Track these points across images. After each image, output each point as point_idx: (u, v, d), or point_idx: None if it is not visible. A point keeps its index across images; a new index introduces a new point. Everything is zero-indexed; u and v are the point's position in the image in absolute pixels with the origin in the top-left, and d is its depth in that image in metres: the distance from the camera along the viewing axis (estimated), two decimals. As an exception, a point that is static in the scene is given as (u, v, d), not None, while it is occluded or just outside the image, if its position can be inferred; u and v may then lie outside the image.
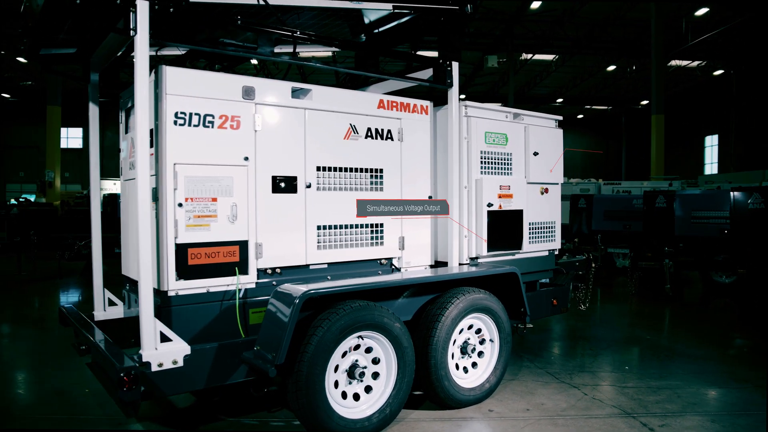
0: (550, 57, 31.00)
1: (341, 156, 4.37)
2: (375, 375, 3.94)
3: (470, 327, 4.52)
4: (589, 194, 13.87)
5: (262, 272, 4.01)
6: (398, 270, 4.75)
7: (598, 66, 31.52)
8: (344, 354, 3.79)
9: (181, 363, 3.43)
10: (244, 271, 3.89)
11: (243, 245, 3.88)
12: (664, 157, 22.52)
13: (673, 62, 29.24)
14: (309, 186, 4.19)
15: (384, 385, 3.95)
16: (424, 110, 4.91)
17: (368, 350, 3.90)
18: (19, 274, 11.89)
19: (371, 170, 4.54)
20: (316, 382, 3.51)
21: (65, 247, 10.74)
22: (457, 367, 4.44)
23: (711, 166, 34.34)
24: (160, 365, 3.35)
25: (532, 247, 5.49)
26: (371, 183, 4.53)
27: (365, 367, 3.89)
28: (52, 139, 23.38)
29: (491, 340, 4.62)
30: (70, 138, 36.83)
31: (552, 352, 6.09)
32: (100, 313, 4.57)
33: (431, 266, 4.97)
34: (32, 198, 25.06)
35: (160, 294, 3.63)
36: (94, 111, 4.56)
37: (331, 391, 3.70)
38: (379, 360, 3.93)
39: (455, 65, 4.84)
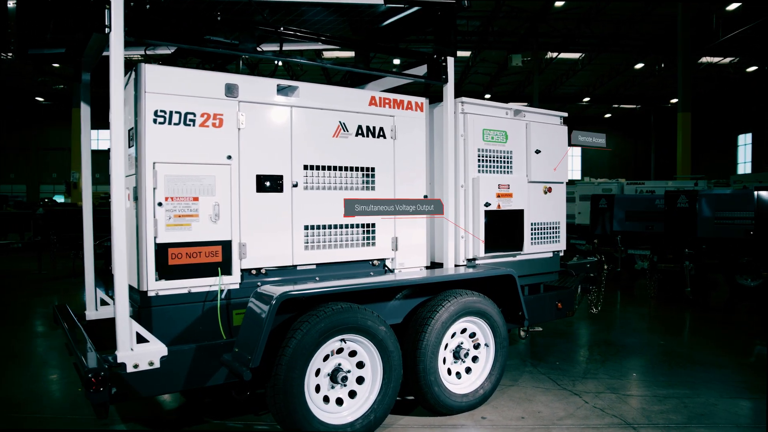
0: (576, 55, 30.44)
1: (330, 154, 4.27)
2: (360, 379, 3.83)
3: (464, 331, 4.37)
4: (611, 194, 13.48)
5: (246, 273, 3.94)
6: (391, 271, 4.63)
7: (625, 64, 30.79)
8: (326, 357, 3.69)
9: (157, 364, 3.37)
10: (228, 271, 3.82)
11: (226, 245, 3.82)
12: (696, 157, 21.90)
13: (704, 59, 28.37)
14: (295, 185, 4.10)
15: (369, 389, 3.83)
16: (419, 107, 4.78)
17: (352, 354, 3.79)
18: (39, 273, 12.17)
19: (362, 169, 4.43)
20: (294, 386, 3.42)
21: (80, 247, 10.90)
22: (449, 372, 4.29)
23: (744, 166, 33.23)
24: (136, 366, 3.30)
25: (534, 249, 5.30)
26: (362, 182, 4.42)
27: (349, 371, 3.78)
28: (77, 141, 23.99)
29: (486, 345, 4.46)
30: (102, 140, 37.74)
31: (558, 356, 5.88)
32: (92, 312, 4.57)
33: (427, 267, 4.84)
34: (62, 199, 25.74)
35: (140, 294, 3.59)
36: (85, 111, 4.57)
37: (312, 395, 3.60)
38: (363, 364, 3.82)
39: (450, 60, 4.70)
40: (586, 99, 37.03)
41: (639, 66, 30.68)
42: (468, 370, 4.40)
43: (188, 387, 3.55)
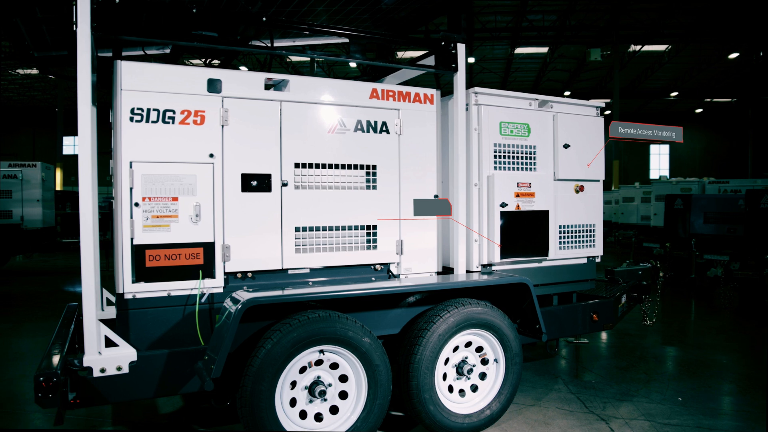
0: (661, 47, 28.35)
1: (325, 152, 4.01)
2: (343, 394, 3.54)
3: (468, 345, 3.96)
4: (688, 194, 12.29)
5: (232, 276, 3.76)
6: (396, 277, 4.30)
7: (717, 54, 28.28)
8: (303, 369, 3.43)
9: (126, 370, 3.26)
10: (210, 274, 3.67)
11: (208, 247, 3.66)
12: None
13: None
14: (285, 184, 3.88)
15: (353, 405, 3.54)
16: (428, 99, 4.41)
17: (334, 366, 3.51)
18: (106, 270, 12.83)
19: (362, 167, 4.14)
20: (263, 398, 3.19)
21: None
22: (450, 389, 3.90)
23: None
24: (103, 371, 3.21)
25: (563, 254, 4.77)
26: (362, 181, 4.13)
27: (330, 385, 3.50)
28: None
29: (495, 361, 4.02)
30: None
31: (596, 373, 5.28)
32: (98, 312, 4.58)
33: (438, 273, 4.46)
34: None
35: (117, 296, 3.51)
36: (92, 111, 4.58)
37: (286, 408, 3.35)
38: (347, 378, 3.53)
39: (461, 47, 4.31)
40: (674, 93, 34.43)
41: (733, 56, 28.06)
42: (474, 388, 3.98)
43: (160, 395, 3.43)
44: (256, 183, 3.80)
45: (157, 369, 3.37)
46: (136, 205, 3.47)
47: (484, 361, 4.01)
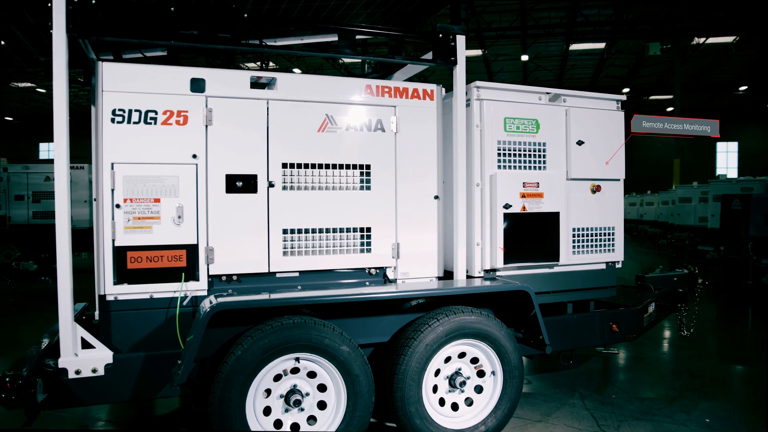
0: (728, 39, 26.58)
1: (314, 151, 3.88)
2: (321, 404, 3.39)
3: (462, 355, 3.72)
4: (748, 194, 11.38)
5: (217, 279, 3.69)
6: (392, 282, 4.11)
7: (791, 44, 26.22)
8: (279, 377, 3.30)
9: (101, 372, 3.25)
10: (194, 277, 3.61)
11: (191, 249, 3.60)
12: None
13: None
14: (272, 185, 3.77)
15: (331, 416, 3.38)
16: (428, 95, 4.19)
17: (312, 375, 3.36)
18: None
19: (355, 166, 3.97)
20: (232, 406, 3.09)
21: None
22: (442, 402, 3.67)
23: None
24: (78, 373, 3.21)
25: (577, 259, 4.43)
26: (355, 181, 3.97)
27: (307, 394, 3.35)
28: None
29: (493, 373, 3.76)
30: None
31: (619, 387, 4.88)
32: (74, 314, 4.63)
33: (439, 278, 4.23)
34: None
35: (99, 298, 3.50)
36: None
37: (259, 417, 3.24)
38: (326, 387, 3.37)
39: (460, 39, 4.07)
40: (743, 88, 32.26)
41: (810, 44, 25.92)
42: (469, 401, 3.73)
43: (136, 398, 3.39)
44: (241, 184, 3.71)
45: (133, 372, 3.33)
46: (118, 206, 3.45)
47: (481, 374, 3.76)
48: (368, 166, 4.01)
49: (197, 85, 3.61)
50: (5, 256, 12.21)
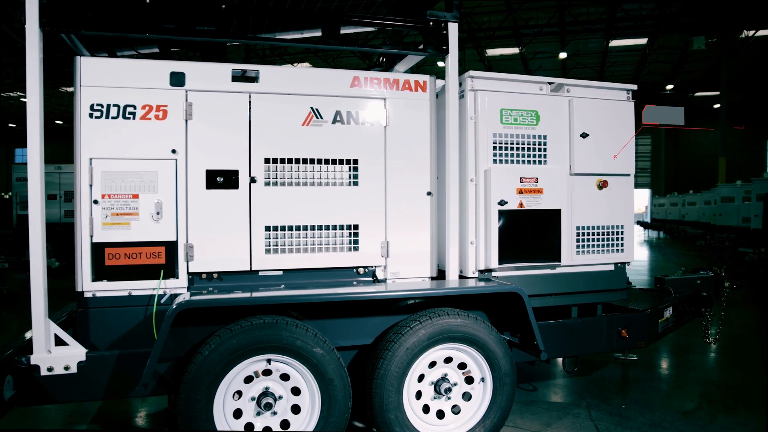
0: (781, 32, 25.16)
1: (299, 146, 3.75)
2: (296, 408, 3.25)
3: (449, 360, 3.52)
4: (794, 193, 10.67)
5: (197, 277, 3.61)
6: (382, 281, 3.94)
7: None
8: (250, 379, 3.18)
9: (74, 369, 3.21)
10: (173, 274, 3.54)
11: (170, 246, 3.53)
12: None
13: None
14: (254, 181, 3.67)
15: (305, 421, 3.24)
16: (420, 87, 4.02)
17: (286, 377, 3.24)
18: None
19: (342, 161, 3.83)
20: (198, 408, 2.99)
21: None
22: (427, 410, 3.48)
23: None
24: (50, 370, 3.17)
25: (581, 259, 4.16)
26: (341, 176, 3.83)
27: (281, 398, 3.23)
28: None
29: (482, 380, 3.55)
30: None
31: (631, 397, 4.57)
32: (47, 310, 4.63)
33: (432, 279, 4.04)
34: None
35: (77, 294, 3.47)
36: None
37: (229, 420, 3.13)
38: (300, 390, 3.24)
39: (453, 27, 3.87)
40: (797, 81, 30.53)
41: None
42: (456, 409, 3.53)
43: (109, 397, 3.34)
44: (222, 179, 3.62)
45: (106, 370, 3.28)
46: (95, 202, 3.41)
47: (469, 380, 3.55)
48: (355, 161, 3.86)
49: (177, 79, 3.54)
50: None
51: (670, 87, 32.63)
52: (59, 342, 3.24)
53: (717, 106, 28.02)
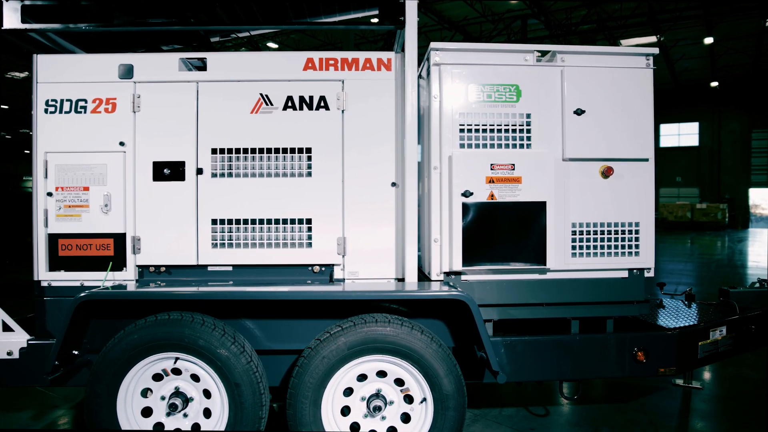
0: None
1: (248, 135, 3.55)
2: (207, 412, 3.05)
3: (383, 374, 3.07)
4: None
5: (146, 270, 3.59)
6: (340, 281, 3.60)
7: None
8: (160, 377, 3.05)
9: (16, 355, 3.34)
10: (121, 266, 3.55)
11: (118, 238, 3.55)
12: None
13: None
14: (200, 172, 3.54)
15: (216, 427, 3.03)
16: (384, 65, 3.59)
17: (197, 378, 3.05)
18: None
19: (293, 150, 3.56)
20: (100, 402, 2.94)
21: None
22: (356, 429, 3.07)
23: None
24: (-6, 354, 3.33)
25: (580, 263, 3.42)
26: (292, 167, 3.56)
27: (192, 399, 3.05)
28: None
29: (423, 400, 3.04)
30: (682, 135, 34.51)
31: (662, 439, 3.68)
32: None
33: (398, 280, 3.60)
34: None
35: (34, 283, 3.62)
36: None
37: (138, 418, 3.03)
38: (211, 394, 3.04)
39: (410, -2, 3.39)
40: None
41: None
42: (393, 431, 3.08)
43: (53, 384, 3.40)
44: (168, 171, 3.55)
45: (46, 357, 3.36)
46: (50, 194, 3.53)
47: (409, 399, 3.07)
48: (308, 150, 3.56)
49: (125, 72, 3.54)
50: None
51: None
52: (6, 328, 3.39)
53: None
